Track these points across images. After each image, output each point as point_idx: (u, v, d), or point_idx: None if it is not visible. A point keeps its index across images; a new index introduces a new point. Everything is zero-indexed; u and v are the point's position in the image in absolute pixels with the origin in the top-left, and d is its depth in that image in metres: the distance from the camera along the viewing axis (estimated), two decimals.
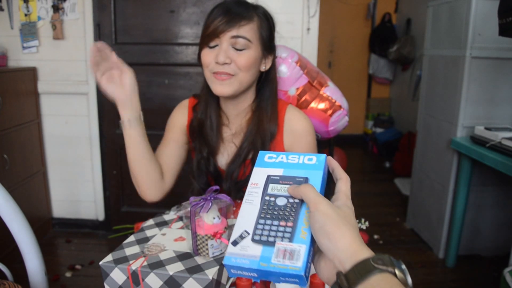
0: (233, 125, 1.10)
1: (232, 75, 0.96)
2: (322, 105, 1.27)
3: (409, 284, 0.43)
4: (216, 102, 1.09)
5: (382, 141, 4.24)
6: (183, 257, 0.75)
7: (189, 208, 0.77)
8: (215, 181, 1.12)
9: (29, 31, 2.21)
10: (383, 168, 3.96)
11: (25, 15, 2.20)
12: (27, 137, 2.23)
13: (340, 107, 1.27)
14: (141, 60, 2.27)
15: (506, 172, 1.63)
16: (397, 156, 3.70)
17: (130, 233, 1.11)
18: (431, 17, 2.35)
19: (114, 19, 2.23)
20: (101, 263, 0.74)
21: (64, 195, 2.49)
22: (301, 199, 0.50)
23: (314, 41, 2.18)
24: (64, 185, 2.47)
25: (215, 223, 0.76)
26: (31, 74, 2.25)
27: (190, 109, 1.14)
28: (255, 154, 1.04)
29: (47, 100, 2.35)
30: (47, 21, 2.21)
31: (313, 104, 1.27)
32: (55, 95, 2.33)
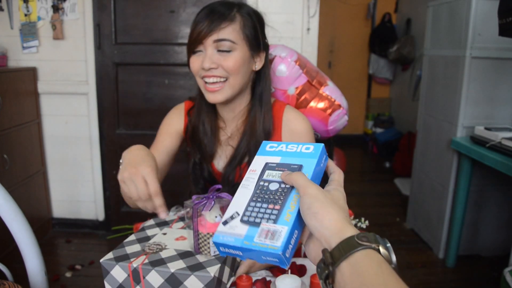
0: (229, 127, 1.10)
1: (222, 77, 0.95)
2: (321, 104, 1.27)
3: (393, 261, 0.44)
4: (211, 106, 1.08)
5: (382, 141, 4.24)
6: (184, 255, 0.75)
7: (190, 208, 0.77)
8: (211, 185, 1.12)
9: (29, 31, 2.21)
10: (383, 168, 3.96)
11: (25, 15, 2.20)
12: (27, 137, 2.23)
13: (340, 106, 1.27)
14: (141, 60, 2.27)
15: (506, 172, 1.63)
16: (397, 156, 3.70)
17: (129, 234, 1.11)
18: (431, 17, 2.36)
19: (114, 19, 2.23)
20: (101, 260, 0.74)
21: (64, 195, 2.49)
22: (292, 185, 0.52)
23: (314, 41, 2.18)
24: (64, 185, 2.47)
25: (217, 221, 0.76)
26: (31, 74, 2.25)
27: (186, 113, 1.13)
28: (250, 157, 1.04)
29: (47, 100, 2.35)
30: (47, 21, 2.21)
31: (312, 103, 1.27)
32: (55, 95, 2.33)
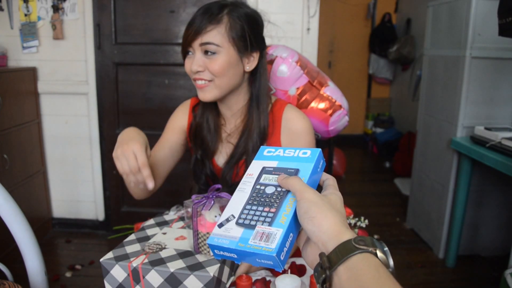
0: (228, 125, 1.11)
1: (209, 80, 0.97)
2: (322, 105, 1.27)
3: (390, 265, 0.43)
4: (213, 104, 1.10)
5: (382, 141, 4.24)
6: (184, 255, 0.75)
7: (190, 207, 0.77)
8: (213, 181, 1.13)
9: (29, 31, 2.21)
10: (383, 168, 3.96)
11: (25, 15, 2.20)
12: (27, 137, 2.23)
13: (340, 106, 1.27)
14: (141, 60, 2.27)
15: (506, 172, 1.63)
16: (397, 156, 3.70)
17: (130, 233, 1.11)
18: (431, 17, 2.36)
19: (114, 19, 2.23)
20: (101, 260, 0.74)
21: (64, 195, 2.49)
22: (288, 189, 0.53)
23: (314, 41, 2.18)
24: (64, 185, 2.47)
25: (217, 221, 0.76)
26: (31, 74, 2.25)
27: (191, 110, 1.15)
28: (248, 155, 1.05)
29: (47, 100, 2.35)
30: (47, 21, 2.21)
31: (313, 104, 1.27)
32: (55, 95, 2.33)
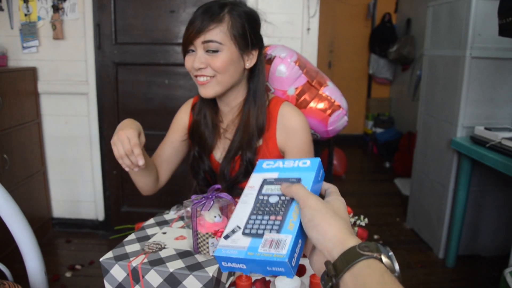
0: (225, 121, 1.14)
1: (211, 77, 0.99)
2: (321, 105, 1.27)
3: (396, 269, 0.43)
4: (211, 101, 1.12)
5: (382, 141, 4.24)
6: (184, 255, 0.75)
7: (190, 207, 0.77)
8: (211, 177, 1.15)
9: (29, 31, 2.21)
10: (383, 168, 3.96)
11: (25, 15, 2.20)
12: (27, 137, 2.23)
13: (339, 106, 1.27)
14: (141, 60, 2.27)
15: (506, 172, 1.63)
16: (397, 156, 3.70)
17: (131, 233, 1.11)
18: (431, 17, 2.36)
19: (114, 19, 2.23)
20: (101, 259, 0.74)
21: (64, 195, 2.49)
22: (292, 198, 0.52)
23: (314, 41, 2.18)
24: (64, 185, 2.47)
25: (216, 221, 0.77)
26: (31, 74, 2.25)
27: (191, 107, 1.18)
28: (243, 151, 1.07)
29: (47, 100, 2.35)
30: (47, 21, 2.22)
31: (312, 104, 1.27)
32: (55, 95, 2.33)
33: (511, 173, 1.60)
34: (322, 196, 0.57)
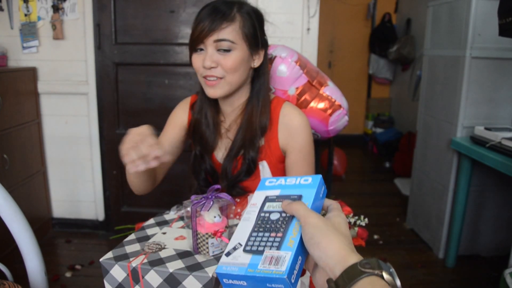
0: (228, 121, 1.13)
1: (220, 78, 0.98)
2: (321, 105, 1.27)
3: (398, 286, 0.44)
4: (212, 100, 1.12)
5: (382, 141, 4.24)
6: (183, 255, 0.75)
7: (190, 207, 0.77)
8: (212, 177, 1.14)
9: (29, 31, 2.21)
10: (383, 168, 3.96)
11: (25, 15, 2.20)
12: (27, 137, 2.23)
13: (340, 106, 1.27)
14: (141, 60, 2.27)
15: (506, 172, 1.63)
16: (397, 156, 3.70)
17: (131, 233, 1.11)
18: (431, 17, 2.36)
19: (114, 19, 2.23)
20: (101, 260, 0.74)
21: (64, 195, 2.49)
22: (293, 215, 0.53)
23: (314, 41, 2.18)
24: (64, 185, 2.47)
25: (216, 221, 0.76)
26: (31, 74, 2.25)
27: (190, 106, 1.17)
28: (246, 149, 1.07)
29: (47, 100, 2.35)
30: (47, 21, 2.22)
31: (312, 104, 1.27)
32: (55, 95, 2.33)
33: (511, 173, 1.60)
34: (324, 213, 0.59)
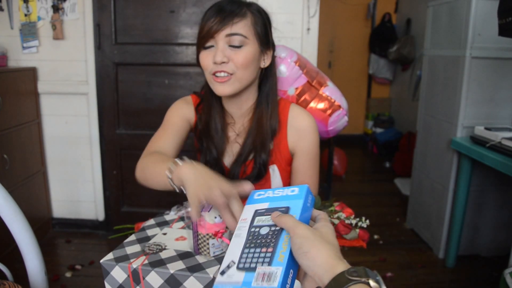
0: (237, 124, 1.10)
1: (231, 74, 0.96)
2: (321, 105, 1.27)
3: None
4: (219, 104, 1.09)
5: (382, 141, 4.24)
6: (184, 256, 0.75)
7: (190, 207, 0.77)
8: None
9: (29, 31, 2.21)
10: (383, 168, 3.96)
11: (25, 15, 2.20)
12: (27, 137, 2.23)
13: (340, 106, 1.27)
14: (141, 60, 2.27)
15: (506, 172, 1.63)
16: (397, 156, 3.70)
17: (131, 233, 1.11)
18: (431, 17, 2.36)
19: (114, 19, 2.23)
20: (101, 261, 0.74)
21: (64, 195, 2.49)
22: (282, 228, 0.55)
23: (314, 41, 2.18)
24: (64, 185, 2.47)
25: (217, 222, 0.76)
26: (31, 74, 2.25)
27: (194, 108, 1.13)
28: (256, 154, 1.05)
29: (47, 100, 2.35)
30: (47, 21, 2.21)
31: (312, 104, 1.27)
32: (55, 95, 2.33)
33: (511, 173, 1.60)
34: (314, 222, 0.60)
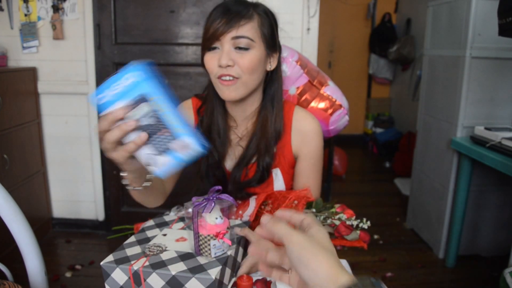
0: (240, 128, 1.08)
1: (236, 78, 0.93)
2: (322, 104, 1.27)
3: None
4: (222, 106, 1.07)
5: (382, 141, 4.24)
6: (185, 257, 0.75)
7: (191, 208, 0.77)
8: (220, 183, 1.11)
9: (29, 31, 2.21)
10: (383, 168, 3.96)
11: (25, 15, 2.19)
12: (27, 137, 2.23)
13: (341, 106, 1.27)
14: (141, 60, 2.27)
15: (506, 172, 1.63)
16: (397, 156, 3.70)
17: (129, 234, 1.10)
18: (431, 17, 2.35)
19: (114, 19, 2.23)
20: (102, 263, 0.74)
21: (64, 195, 2.49)
22: (172, 124, 0.61)
23: (314, 41, 2.18)
24: (64, 185, 2.47)
25: (218, 223, 0.76)
26: (31, 74, 2.25)
27: (195, 111, 1.11)
28: (259, 157, 1.03)
29: (47, 100, 2.35)
30: (47, 21, 2.21)
31: (313, 103, 1.27)
32: (55, 95, 2.33)
33: (511, 173, 1.60)
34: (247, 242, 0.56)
